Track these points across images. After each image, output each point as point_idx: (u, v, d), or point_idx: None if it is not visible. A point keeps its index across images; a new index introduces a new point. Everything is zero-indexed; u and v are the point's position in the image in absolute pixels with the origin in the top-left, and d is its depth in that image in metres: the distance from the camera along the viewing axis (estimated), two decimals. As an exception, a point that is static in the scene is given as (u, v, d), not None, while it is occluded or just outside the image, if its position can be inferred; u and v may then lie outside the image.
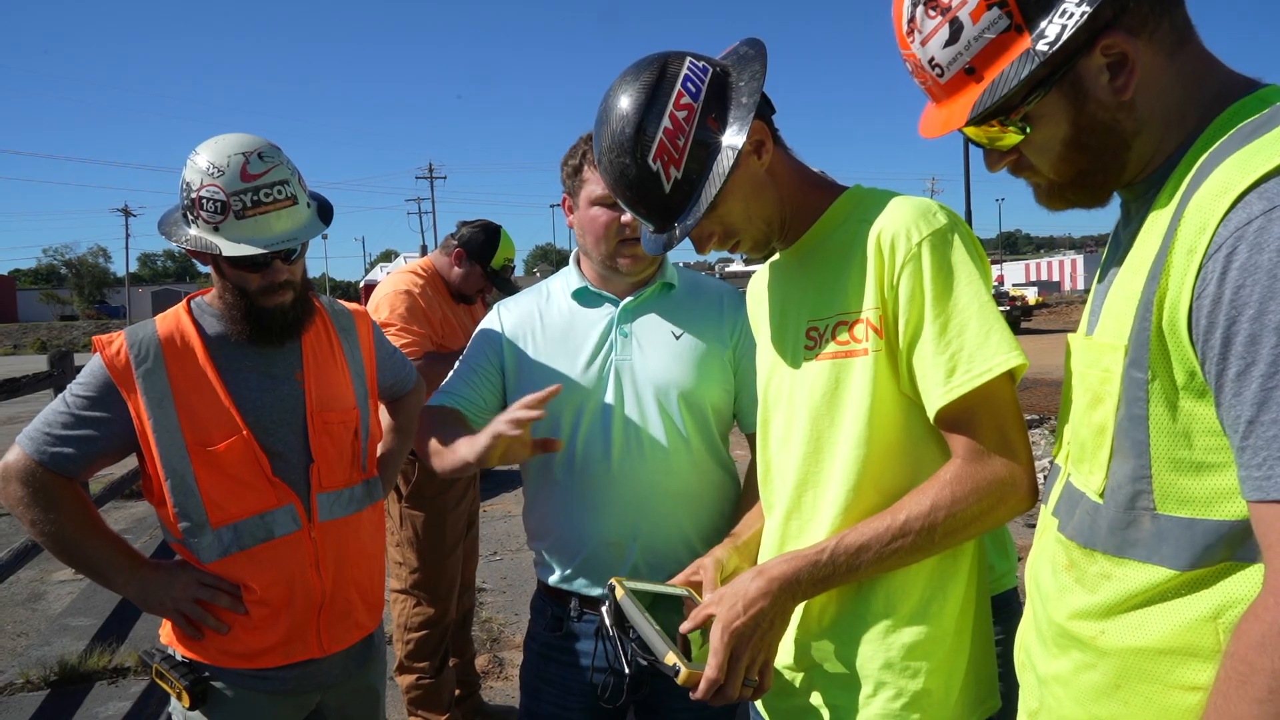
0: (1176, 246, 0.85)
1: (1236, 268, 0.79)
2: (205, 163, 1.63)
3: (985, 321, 1.19)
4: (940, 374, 1.19)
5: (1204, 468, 0.87)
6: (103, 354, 1.69)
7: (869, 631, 1.29)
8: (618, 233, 1.75)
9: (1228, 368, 0.80)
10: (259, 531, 1.73)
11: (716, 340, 1.80)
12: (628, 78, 1.29)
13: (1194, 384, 0.86)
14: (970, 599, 1.31)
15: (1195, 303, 0.83)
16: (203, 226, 1.65)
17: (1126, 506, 0.93)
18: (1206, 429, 0.86)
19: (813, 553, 1.25)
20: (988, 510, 1.20)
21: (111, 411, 1.69)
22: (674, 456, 1.74)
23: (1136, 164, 0.99)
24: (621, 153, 1.27)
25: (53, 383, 5.73)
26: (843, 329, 1.29)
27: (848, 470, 1.28)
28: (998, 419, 1.20)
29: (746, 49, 1.31)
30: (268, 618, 1.74)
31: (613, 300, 1.83)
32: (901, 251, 1.22)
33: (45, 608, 5.15)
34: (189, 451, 1.68)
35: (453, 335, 3.28)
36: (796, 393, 1.36)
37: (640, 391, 1.76)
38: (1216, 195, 0.83)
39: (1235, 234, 0.79)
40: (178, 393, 1.68)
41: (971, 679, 1.31)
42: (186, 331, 1.73)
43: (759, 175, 1.31)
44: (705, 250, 1.39)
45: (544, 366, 1.82)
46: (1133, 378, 0.91)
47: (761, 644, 1.25)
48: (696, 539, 1.75)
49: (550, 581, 1.84)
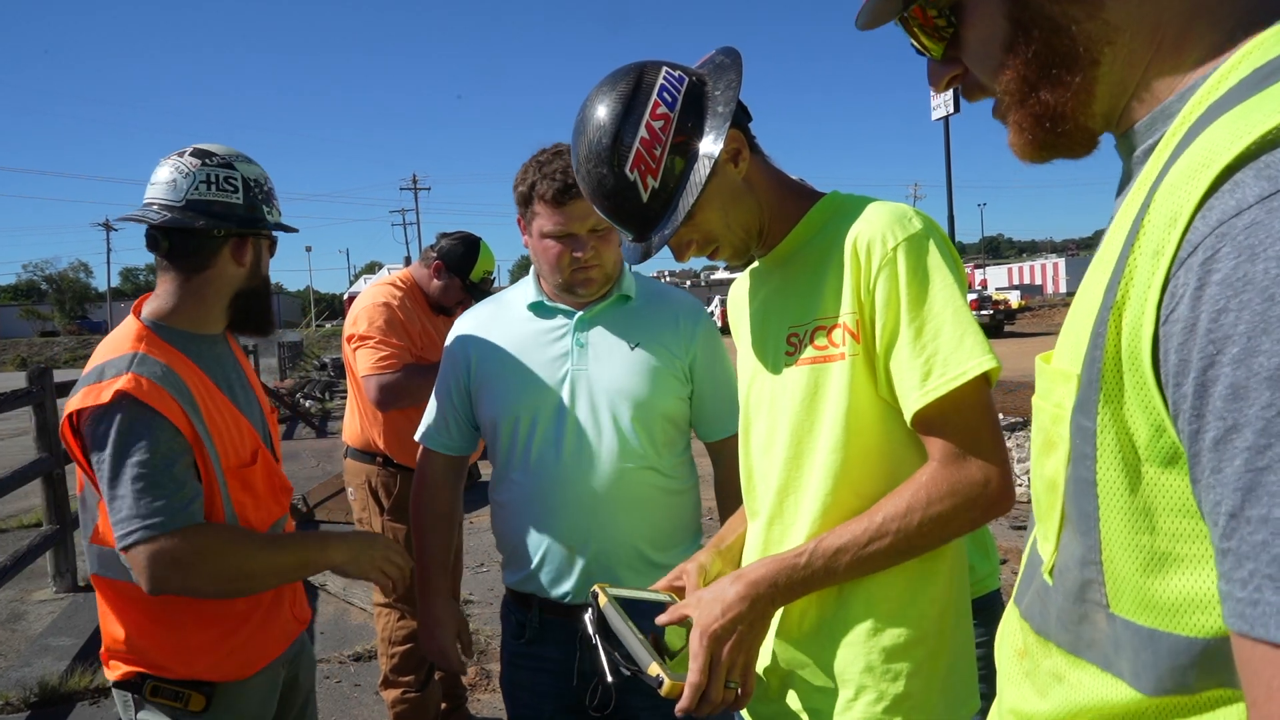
0: (1141, 243, 0.61)
1: (1216, 282, 0.54)
2: (255, 163, 1.79)
3: (959, 326, 1.19)
4: (916, 377, 1.20)
5: (1170, 561, 0.63)
6: (139, 395, 1.57)
7: (849, 635, 1.30)
8: (570, 263, 1.79)
9: (1204, 429, 0.55)
10: None
11: (672, 351, 1.85)
12: (604, 88, 1.29)
13: (1161, 443, 0.61)
14: (950, 601, 1.32)
15: (1162, 329, 0.59)
16: (274, 215, 1.81)
17: (1076, 597, 0.71)
18: (1175, 508, 0.62)
19: (791, 556, 1.26)
20: (963, 512, 1.20)
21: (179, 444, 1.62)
22: (624, 465, 1.79)
23: (1113, 94, 0.73)
24: (599, 163, 1.27)
25: (32, 400, 5.67)
26: (821, 334, 1.29)
27: (826, 475, 1.29)
28: (973, 422, 1.20)
29: (722, 58, 1.32)
30: (270, 614, 1.83)
31: (568, 312, 1.87)
32: (877, 256, 1.23)
33: (25, 628, 5.09)
34: (225, 475, 1.70)
35: (432, 347, 3.27)
36: (778, 399, 1.36)
37: (595, 400, 1.80)
38: (1194, 171, 0.58)
39: (1216, 231, 0.55)
40: (207, 419, 1.68)
41: (952, 681, 1.31)
42: (172, 353, 1.70)
43: (736, 183, 1.32)
44: (684, 258, 1.40)
45: (502, 377, 1.87)
46: (1080, 426, 0.68)
47: (741, 647, 1.25)
48: (646, 545, 1.82)
49: (511, 585, 1.92)
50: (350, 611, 5.03)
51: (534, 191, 1.77)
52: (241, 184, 1.73)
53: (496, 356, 1.89)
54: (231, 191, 1.71)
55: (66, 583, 5.67)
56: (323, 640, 4.64)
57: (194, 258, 1.71)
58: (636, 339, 1.84)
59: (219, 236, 1.71)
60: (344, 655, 4.37)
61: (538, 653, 1.87)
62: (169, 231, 1.69)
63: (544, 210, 1.77)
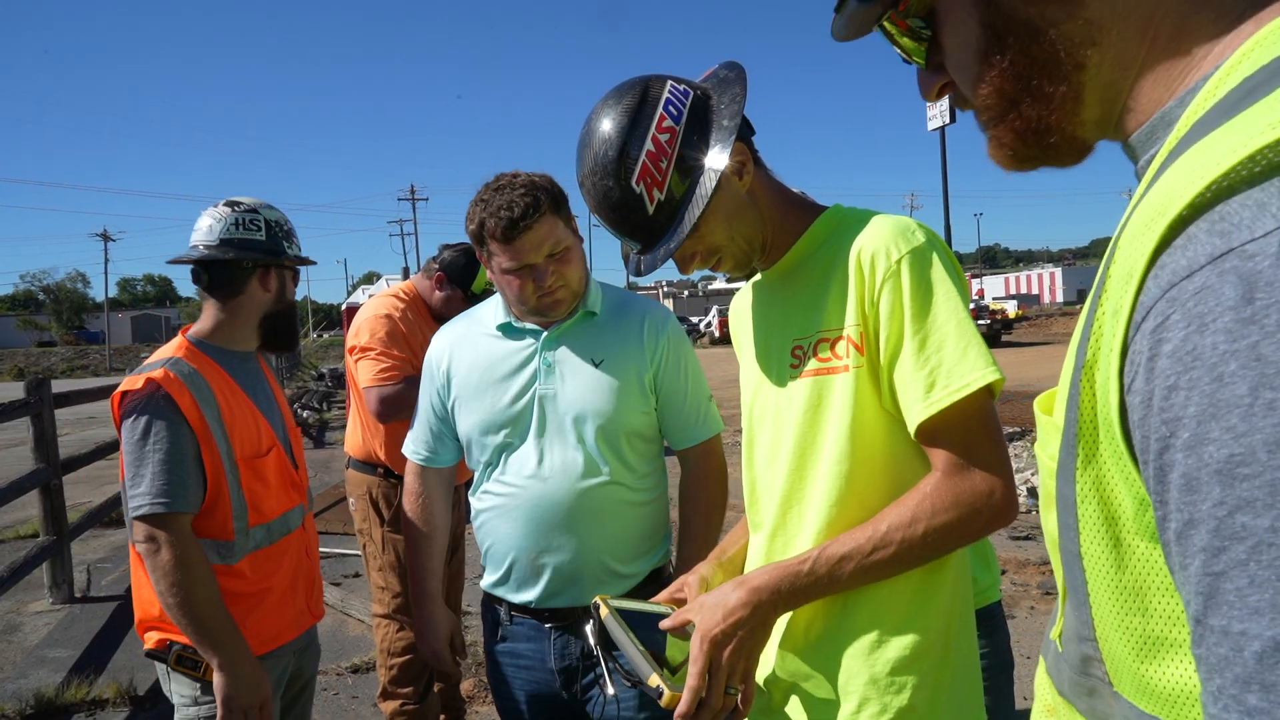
0: (1105, 298, 0.56)
1: (1167, 354, 0.49)
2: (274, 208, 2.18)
3: (963, 338, 1.20)
4: (919, 389, 1.20)
5: (1167, 646, 0.57)
6: (165, 385, 1.92)
7: (853, 647, 1.29)
8: (534, 291, 1.84)
9: (1167, 518, 0.50)
10: (282, 528, 2.11)
11: (636, 364, 1.89)
12: (609, 101, 1.30)
13: (1147, 518, 0.55)
14: (954, 612, 1.32)
15: (1126, 398, 0.53)
16: (296, 249, 2.20)
17: (1082, 670, 0.66)
18: (1169, 587, 0.56)
19: (794, 563, 1.26)
20: (967, 522, 1.20)
21: (189, 436, 1.93)
22: (589, 481, 1.85)
23: (1104, 99, 0.65)
24: (605, 175, 1.28)
25: (29, 410, 5.66)
26: (824, 346, 1.30)
27: (830, 486, 1.29)
28: (976, 433, 1.21)
29: (726, 72, 1.33)
30: (284, 599, 2.10)
31: (535, 332, 1.92)
32: (881, 269, 1.24)
33: (21, 639, 5.06)
34: (239, 464, 2.00)
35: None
36: (782, 410, 1.37)
37: (561, 420, 1.87)
38: (1150, 219, 0.52)
39: (1167, 295, 0.49)
40: (225, 415, 2.00)
41: (957, 694, 1.31)
42: (206, 360, 2.06)
43: (740, 196, 1.33)
44: (689, 270, 1.41)
45: (473, 398, 1.95)
46: (1061, 493, 0.62)
47: (741, 653, 1.25)
48: (610, 557, 1.89)
49: (484, 586, 2.01)
50: (348, 623, 5.02)
51: (484, 230, 1.80)
52: (264, 225, 2.12)
53: (468, 375, 1.95)
54: (256, 231, 2.10)
55: (63, 594, 5.64)
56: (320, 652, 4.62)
57: (229, 286, 2.08)
58: (601, 355, 1.89)
59: (248, 267, 2.09)
60: (341, 667, 4.36)
61: (511, 649, 1.96)
62: (208, 266, 2.07)
63: (497, 249, 1.81)
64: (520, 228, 1.76)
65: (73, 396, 6.56)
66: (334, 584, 5.64)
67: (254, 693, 1.93)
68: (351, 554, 6.38)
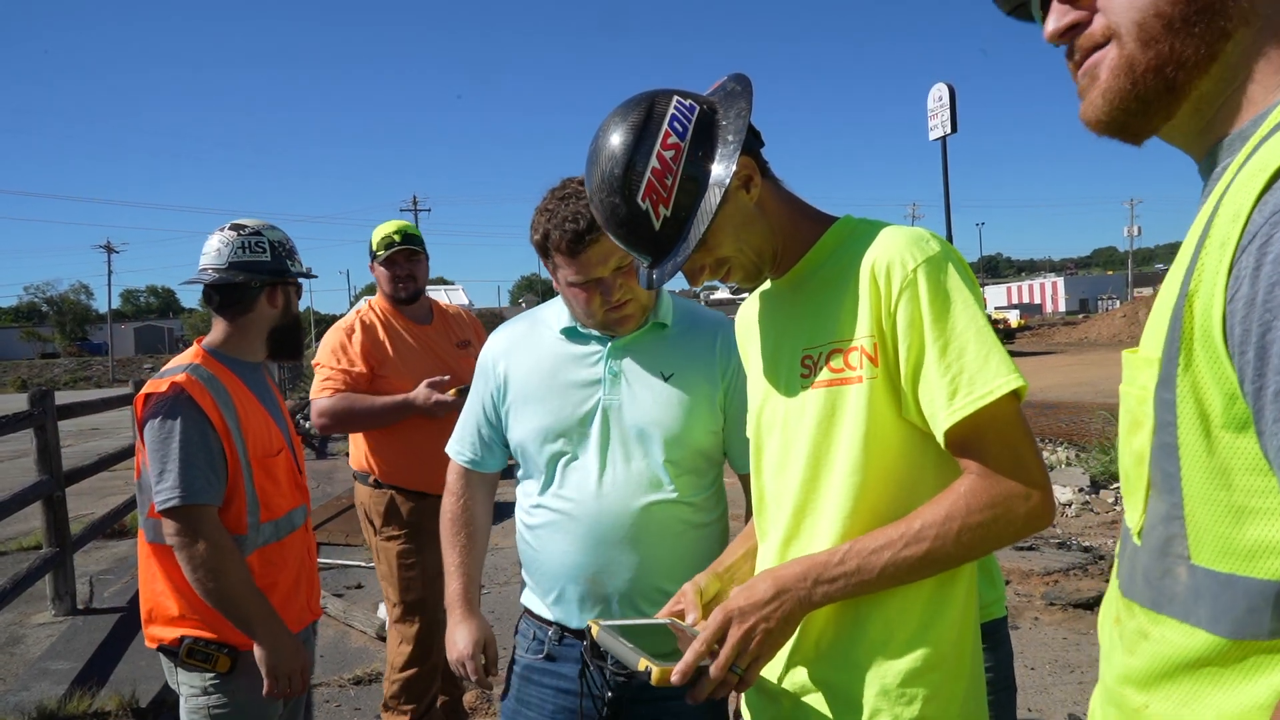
0: (1210, 238, 0.70)
1: (1270, 261, 0.64)
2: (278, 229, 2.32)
3: (983, 345, 1.20)
4: (943, 397, 1.21)
5: (1246, 513, 0.70)
6: (188, 387, 2.07)
7: (865, 658, 1.29)
8: (602, 305, 1.76)
9: (1265, 386, 0.65)
10: (288, 525, 2.24)
11: (707, 381, 1.81)
12: (616, 118, 1.31)
13: (1234, 411, 0.70)
14: (966, 625, 1.31)
15: (1228, 307, 0.68)
16: (298, 266, 2.33)
17: (1160, 552, 0.78)
18: (1250, 466, 0.70)
19: (824, 555, 1.25)
20: (1003, 524, 1.20)
21: (211, 434, 2.07)
22: (653, 499, 1.75)
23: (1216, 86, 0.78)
24: (611, 192, 1.29)
25: (33, 422, 5.66)
26: (837, 356, 1.30)
27: (844, 497, 1.29)
28: (1009, 437, 1.21)
29: (733, 85, 1.34)
30: (289, 595, 2.22)
31: (601, 339, 1.84)
32: (898, 279, 1.24)
33: (24, 651, 5.06)
34: (251, 463, 2.14)
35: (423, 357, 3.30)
36: (792, 420, 1.37)
37: (626, 433, 1.78)
38: (1253, 174, 0.68)
39: (1270, 220, 0.65)
40: (240, 416, 2.15)
41: (968, 707, 1.31)
42: (220, 367, 2.21)
43: (748, 208, 1.33)
44: (698, 282, 1.41)
45: (533, 402, 1.85)
46: (1162, 399, 0.76)
47: (754, 636, 1.24)
48: (667, 580, 1.75)
49: (533, 608, 1.90)
50: (350, 634, 5.00)
51: (548, 242, 1.73)
52: (269, 246, 2.25)
53: (528, 379, 1.87)
54: (261, 252, 2.24)
55: (66, 606, 5.64)
56: (322, 663, 4.60)
57: (238, 305, 2.23)
58: (671, 369, 1.81)
59: (255, 287, 2.23)
60: (343, 679, 4.35)
61: (554, 669, 1.84)
62: (219, 288, 2.21)
63: (563, 261, 1.73)
64: (586, 241, 1.68)
65: (76, 408, 6.56)
66: (336, 595, 5.63)
67: (295, 659, 2.09)
68: (353, 565, 6.37)
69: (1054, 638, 4.54)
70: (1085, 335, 35.66)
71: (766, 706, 1.43)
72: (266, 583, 2.14)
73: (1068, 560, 5.78)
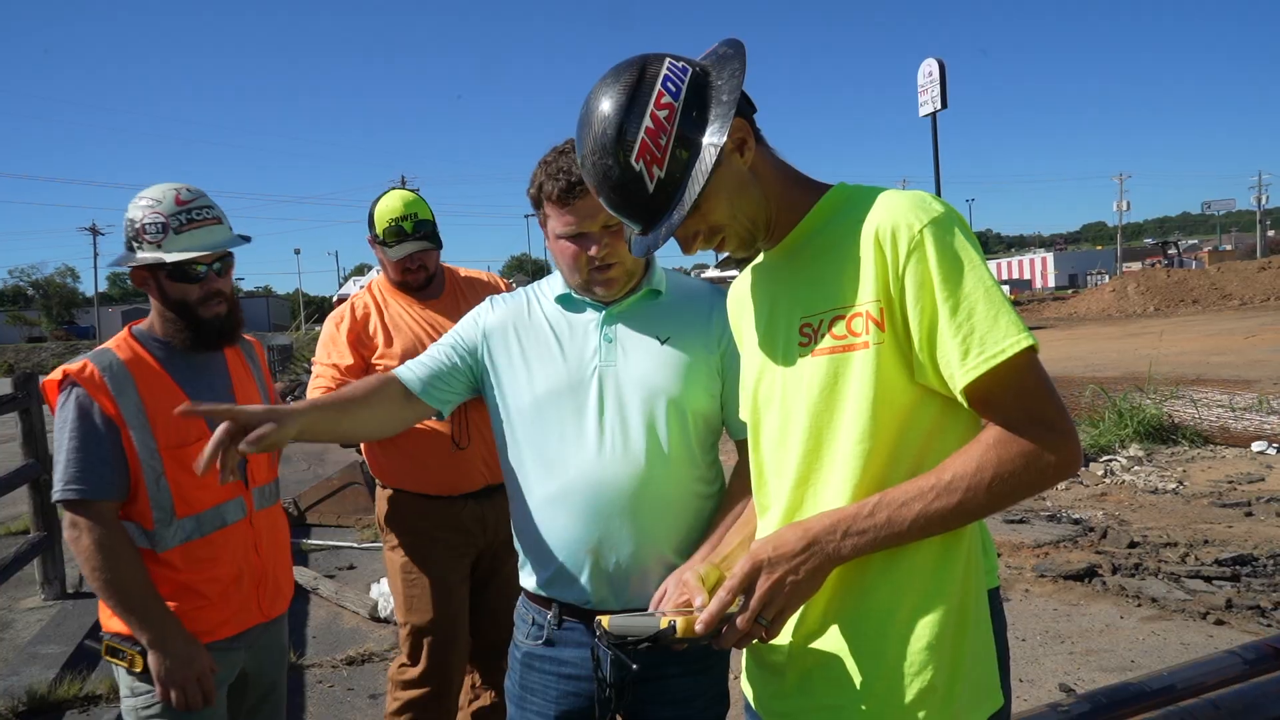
0: None
1: None
2: (146, 200, 2.01)
3: (992, 305, 1.19)
4: (957, 358, 1.20)
5: None
6: (79, 379, 1.95)
7: (872, 628, 1.28)
8: (587, 263, 1.74)
9: None
10: (215, 520, 2.05)
11: (703, 346, 1.79)
12: (608, 80, 1.29)
13: None
14: (969, 588, 1.30)
15: None
16: (148, 248, 2.00)
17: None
18: None
19: (854, 507, 1.24)
20: (1034, 473, 1.19)
21: (105, 426, 1.93)
22: (656, 464, 1.72)
23: None
24: (604, 154, 1.27)
25: (17, 405, 5.61)
26: (840, 323, 1.28)
27: (851, 466, 1.27)
28: (1031, 389, 1.20)
29: (725, 49, 1.32)
30: (223, 594, 2.05)
31: (596, 306, 1.82)
32: (904, 242, 1.22)
33: (13, 636, 5.04)
34: (161, 453, 1.97)
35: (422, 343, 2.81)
36: (792, 390, 1.35)
37: (624, 397, 1.74)
38: None
39: None
40: (148, 404, 1.98)
41: (976, 674, 1.30)
42: (140, 354, 2.04)
43: (742, 173, 1.31)
44: (691, 250, 1.38)
45: (528, 368, 1.82)
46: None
47: (781, 588, 1.23)
48: (669, 550, 1.73)
49: (530, 588, 1.85)
50: (343, 615, 5.00)
51: (542, 193, 1.73)
52: (125, 226, 2.03)
53: (522, 345, 1.84)
54: (127, 231, 2.03)
55: (55, 590, 5.61)
56: (315, 644, 4.61)
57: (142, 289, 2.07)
58: (667, 333, 1.79)
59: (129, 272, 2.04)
60: (336, 659, 4.34)
61: (556, 655, 1.80)
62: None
63: (553, 211, 1.73)
64: (578, 191, 1.67)
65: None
66: (329, 576, 5.62)
67: (188, 668, 1.91)
68: (345, 546, 6.36)
69: (1044, 609, 4.56)
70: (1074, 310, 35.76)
71: (770, 680, 1.42)
72: (190, 579, 1.99)
73: (1058, 533, 5.81)
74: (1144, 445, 8.05)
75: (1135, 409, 8.54)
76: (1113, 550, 5.36)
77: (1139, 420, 8.31)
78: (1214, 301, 31.39)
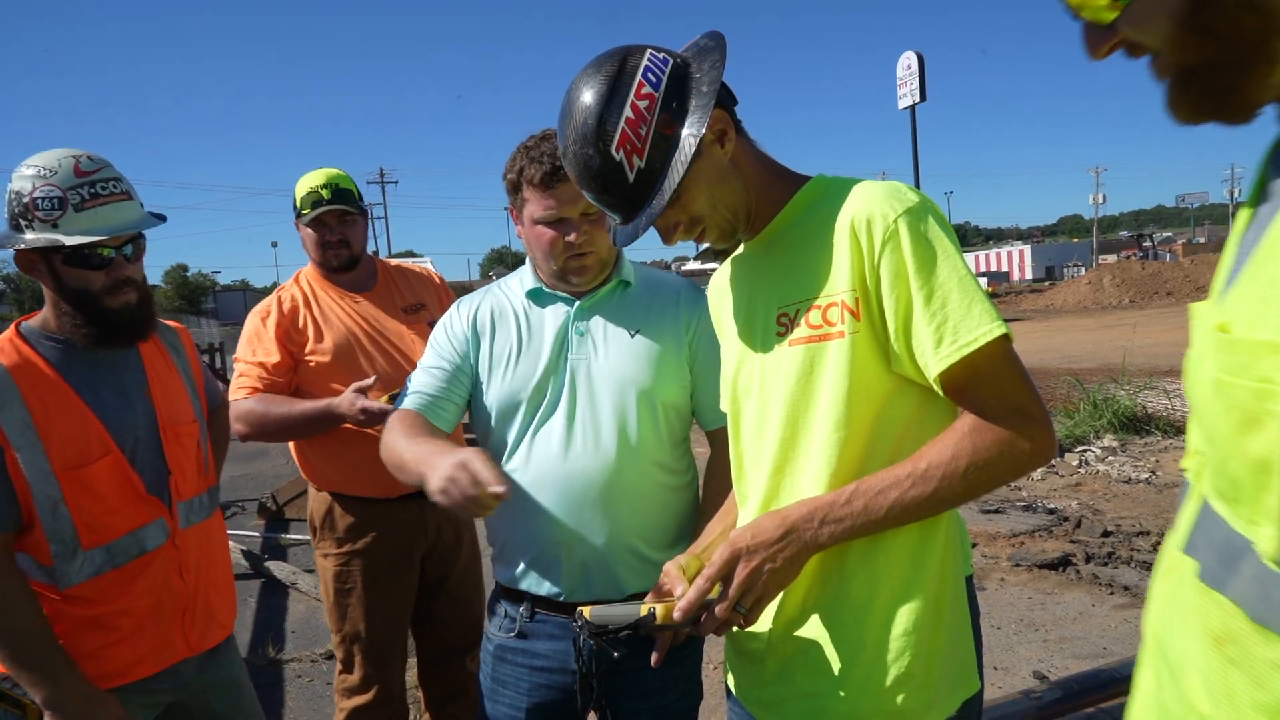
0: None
1: None
2: (35, 169, 1.65)
3: (965, 294, 1.20)
4: (930, 346, 1.21)
5: None
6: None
7: (850, 616, 1.29)
8: (564, 249, 1.73)
9: None
10: (132, 549, 1.74)
11: (673, 337, 1.80)
12: (589, 71, 1.30)
13: None
14: (947, 574, 1.32)
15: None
16: (40, 227, 1.64)
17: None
18: None
19: (830, 496, 1.25)
20: (1009, 461, 1.20)
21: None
22: (626, 457, 1.73)
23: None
24: (585, 144, 1.28)
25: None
26: (815, 312, 1.29)
27: (827, 454, 1.28)
28: (1000, 380, 1.21)
29: (706, 41, 1.33)
30: (136, 627, 1.75)
31: (567, 300, 1.82)
32: (879, 232, 1.23)
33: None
34: (57, 475, 1.65)
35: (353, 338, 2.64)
36: (769, 380, 1.36)
37: (596, 390, 1.75)
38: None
39: None
40: (38, 418, 1.65)
41: (952, 659, 1.31)
42: (30, 358, 1.69)
43: (722, 164, 1.32)
44: (672, 241, 1.39)
45: (502, 365, 1.81)
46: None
47: (759, 575, 1.24)
48: (642, 542, 1.74)
49: (503, 581, 1.86)
50: (322, 610, 4.96)
51: (522, 177, 1.72)
52: (8, 200, 1.66)
53: (493, 341, 1.83)
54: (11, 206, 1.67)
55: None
56: (294, 639, 4.59)
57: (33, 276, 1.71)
58: (637, 325, 1.80)
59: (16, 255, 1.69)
60: (316, 654, 4.33)
61: (529, 648, 1.80)
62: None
63: (533, 195, 1.72)
64: (560, 176, 1.67)
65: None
66: (308, 570, 5.60)
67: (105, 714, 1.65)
68: (324, 541, 6.33)
69: (1019, 597, 4.62)
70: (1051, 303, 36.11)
71: (751, 668, 1.43)
72: (101, 612, 1.70)
73: (1033, 522, 5.88)
74: (1118, 436, 8.15)
75: (1110, 400, 8.64)
76: (1087, 539, 5.43)
77: (1113, 411, 8.41)
78: (1188, 294, 31.79)
